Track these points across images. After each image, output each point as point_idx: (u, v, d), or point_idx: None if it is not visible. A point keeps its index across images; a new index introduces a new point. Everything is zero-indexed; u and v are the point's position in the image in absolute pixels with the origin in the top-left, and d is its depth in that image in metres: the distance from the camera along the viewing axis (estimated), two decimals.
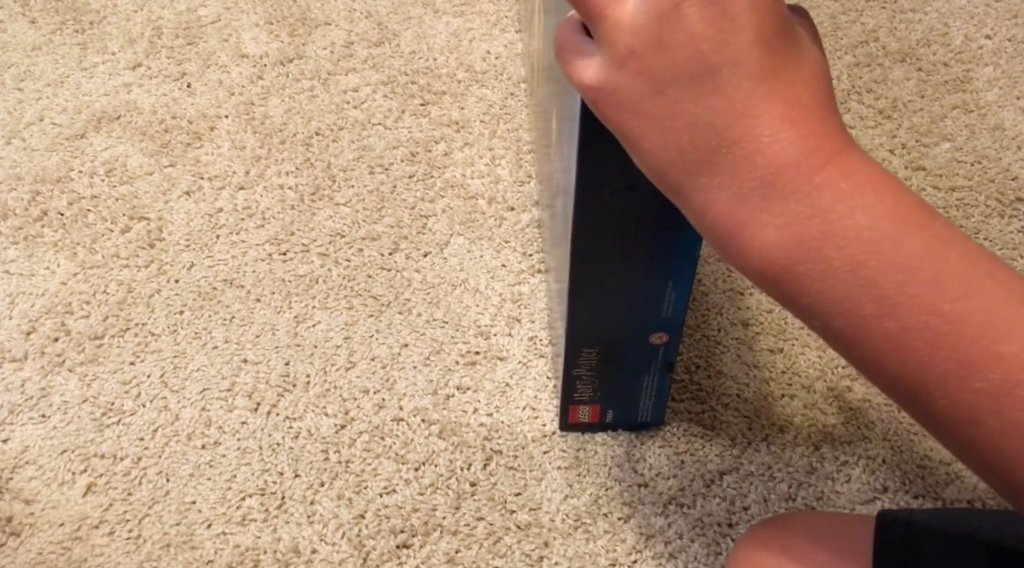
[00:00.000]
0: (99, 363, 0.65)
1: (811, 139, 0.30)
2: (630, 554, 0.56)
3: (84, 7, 0.94)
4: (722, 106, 0.30)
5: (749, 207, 0.30)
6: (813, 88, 0.31)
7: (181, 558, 0.56)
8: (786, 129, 0.30)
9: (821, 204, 0.29)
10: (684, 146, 0.31)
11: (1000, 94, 0.82)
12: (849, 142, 0.30)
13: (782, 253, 0.29)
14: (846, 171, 0.29)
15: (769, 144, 0.29)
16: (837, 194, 0.29)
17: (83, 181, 0.77)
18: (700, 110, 0.30)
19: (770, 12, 0.30)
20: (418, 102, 0.83)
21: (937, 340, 0.27)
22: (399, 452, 0.60)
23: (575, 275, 0.50)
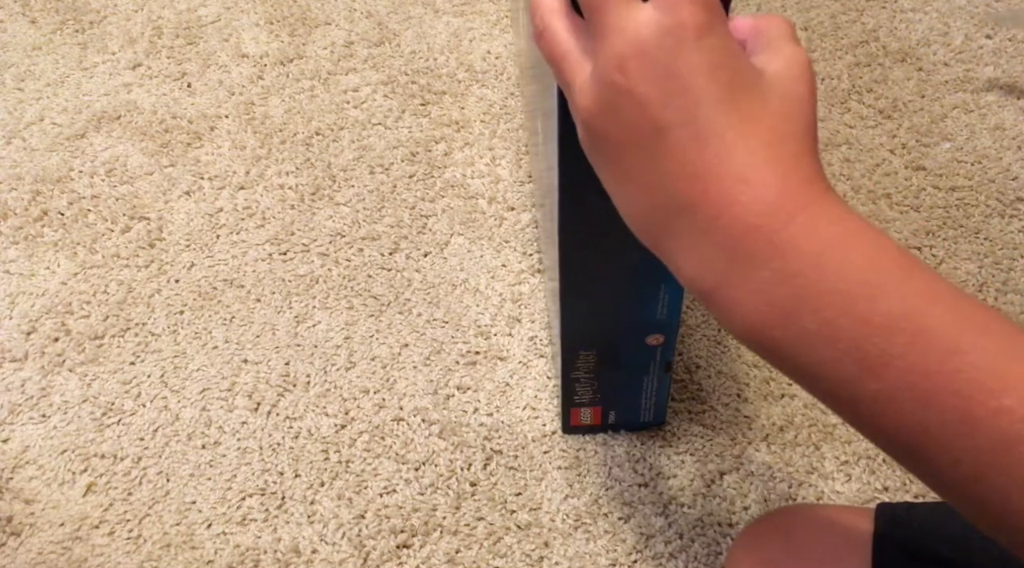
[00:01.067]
0: (99, 363, 0.65)
1: (772, 197, 0.28)
2: (630, 554, 0.56)
3: (84, 7, 0.94)
4: (675, 169, 0.29)
5: (717, 271, 0.29)
6: (778, 136, 0.29)
7: (181, 558, 0.56)
8: (743, 189, 0.28)
9: (788, 269, 0.27)
10: (647, 208, 0.30)
11: (1000, 94, 0.82)
12: (819, 191, 0.29)
13: (758, 320, 0.28)
14: (811, 229, 0.28)
15: (727, 207, 0.28)
16: (804, 255, 0.27)
17: (83, 181, 0.77)
18: (656, 174, 0.30)
19: (719, 66, 0.29)
20: (418, 102, 0.83)
21: (929, 400, 0.26)
22: (399, 452, 0.60)
23: (565, 277, 0.50)
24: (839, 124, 0.80)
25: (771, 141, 0.29)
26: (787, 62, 0.31)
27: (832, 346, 0.27)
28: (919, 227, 0.72)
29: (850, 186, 0.75)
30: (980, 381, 0.25)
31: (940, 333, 0.26)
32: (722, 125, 0.28)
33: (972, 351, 0.26)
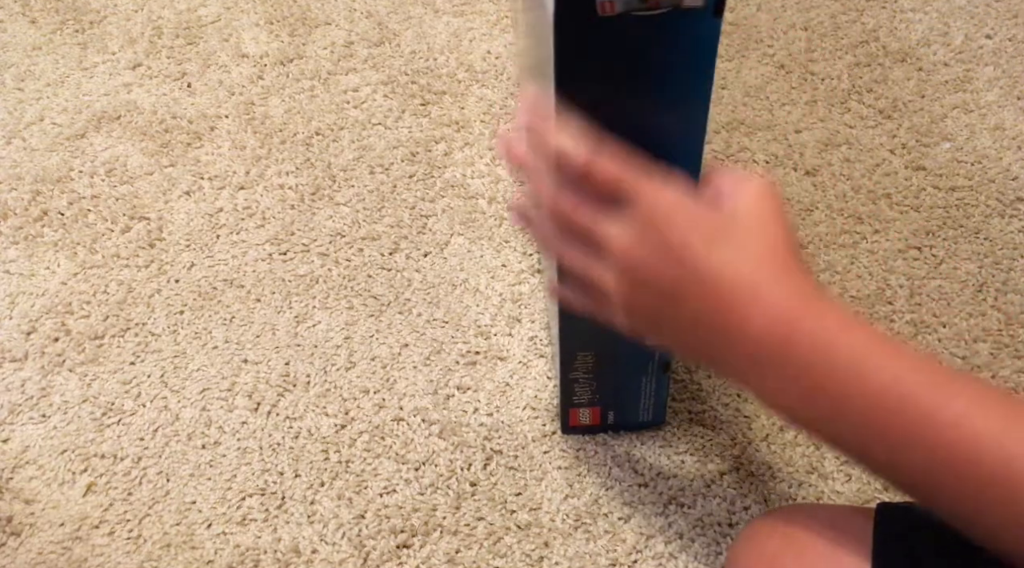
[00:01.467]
0: (99, 363, 0.65)
1: (773, 311, 0.36)
2: (630, 554, 0.56)
3: (84, 7, 0.94)
4: (697, 310, 0.37)
5: (753, 375, 0.37)
6: (763, 258, 0.37)
7: (181, 558, 0.56)
8: (750, 310, 0.36)
9: (799, 365, 0.35)
10: (686, 344, 0.40)
11: (1000, 94, 0.82)
12: (809, 294, 0.36)
13: (788, 405, 0.36)
14: (811, 330, 0.35)
15: (743, 327, 0.36)
16: (809, 353, 0.35)
17: (83, 181, 0.77)
18: (683, 321, 0.38)
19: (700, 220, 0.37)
20: (418, 102, 0.83)
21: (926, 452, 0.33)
22: (399, 452, 0.60)
23: (560, 279, 0.50)
24: (839, 124, 0.80)
25: (758, 264, 0.36)
26: (752, 194, 0.38)
27: (844, 419, 0.34)
28: (919, 227, 0.72)
29: (850, 186, 0.75)
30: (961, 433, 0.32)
31: (920, 396, 0.33)
32: (717, 267, 0.36)
33: (947, 409, 0.32)
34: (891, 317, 0.66)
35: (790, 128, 0.80)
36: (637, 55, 0.40)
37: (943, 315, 0.66)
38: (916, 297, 0.68)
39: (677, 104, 0.41)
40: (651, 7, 0.37)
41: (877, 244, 0.71)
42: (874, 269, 0.69)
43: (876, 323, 0.66)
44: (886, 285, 0.68)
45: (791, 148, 0.78)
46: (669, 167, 0.42)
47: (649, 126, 0.42)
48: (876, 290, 0.68)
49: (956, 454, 0.32)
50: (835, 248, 0.71)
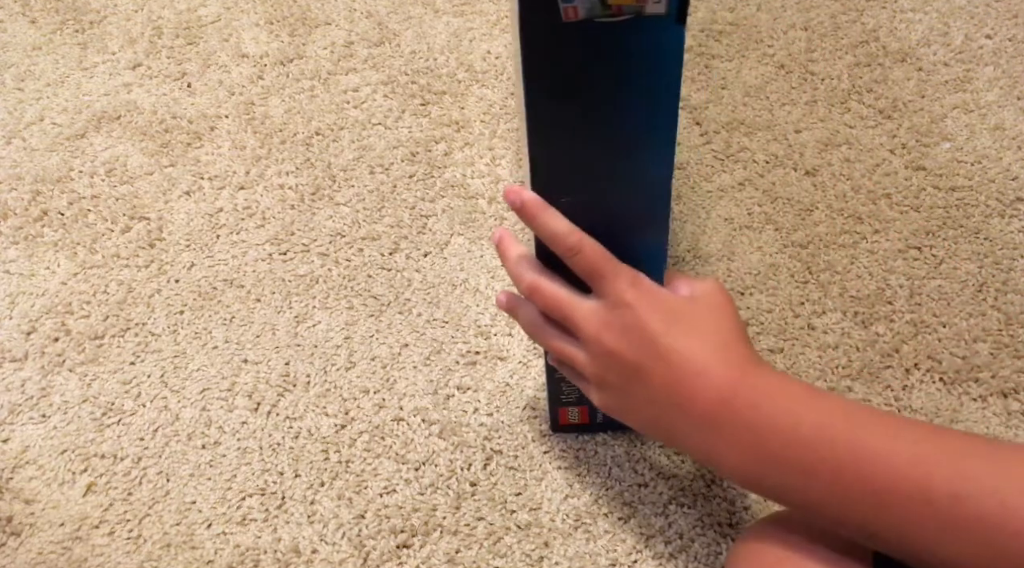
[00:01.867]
0: (99, 363, 0.65)
1: (719, 382, 0.41)
2: (630, 554, 0.56)
3: (84, 7, 0.94)
4: (656, 385, 0.43)
5: (704, 445, 0.42)
6: (712, 338, 0.43)
7: (181, 558, 0.56)
8: (699, 383, 0.42)
9: (744, 427, 0.40)
10: (650, 421, 0.45)
11: (1000, 94, 0.82)
12: (750, 366, 0.42)
13: (740, 466, 0.41)
14: (750, 396, 0.41)
15: (693, 399, 0.42)
16: (750, 416, 0.40)
17: (83, 181, 0.77)
18: (646, 397, 0.44)
19: (660, 305, 0.43)
20: (418, 102, 0.83)
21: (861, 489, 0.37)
22: (399, 452, 0.60)
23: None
24: (839, 124, 0.80)
25: (707, 344, 0.42)
26: (706, 286, 0.46)
27: (785, 469, 0.39)
28: (919, 227, 0.72)
29: (850, 186, 0.75)
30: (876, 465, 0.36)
31: (840, 438, 0.38)
32: (672, 346, 0.42)
33: (867, 446, 0.37)
34: (891, 317, 0.66)
35: (790, 128, 0.80)
36: (603, 61, 0.40)
37: (943, 315, 0.66)
38: (916, 297, 0.68)
39: (645, 110, 0.42)
40: (614, 14, 0.38)
41: (877, 244, 0.71)
42: (874, 269, 0.69)
43: (876, 323, 0.66)
44: (886, 285, 0.68)
45: (791, 148, 0.78)
46: (640, 172, 0.43)
47: (618, 132, 0.43)
48: (876, 290, 0.68)
49: (876, 484, 0.36)
50: (835, 248, 0.71)
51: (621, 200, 0.45)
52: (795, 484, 0.39)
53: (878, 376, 0.63)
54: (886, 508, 0.35)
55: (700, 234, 0.72)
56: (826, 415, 0.39)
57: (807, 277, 0.69)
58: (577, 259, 0.45)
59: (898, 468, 0.35)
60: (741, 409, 0.40)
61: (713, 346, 0.42)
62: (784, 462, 0.39)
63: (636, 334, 0.43)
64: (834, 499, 0.37)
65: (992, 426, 0.61)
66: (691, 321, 0.43)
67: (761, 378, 0.41)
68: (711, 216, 0.73)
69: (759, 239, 0.72)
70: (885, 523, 0.36)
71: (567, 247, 0.45)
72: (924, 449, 0.36)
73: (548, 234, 0.45)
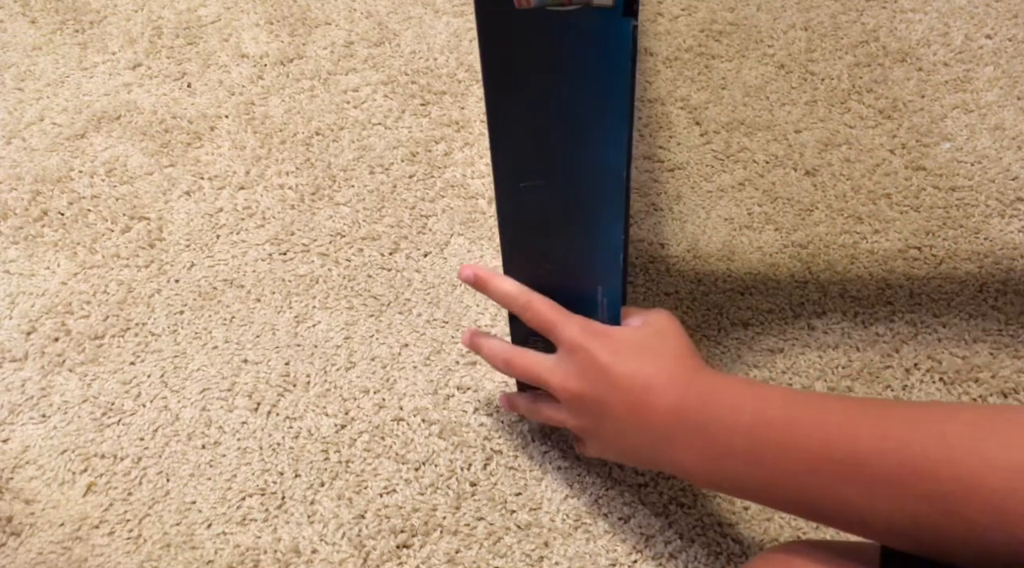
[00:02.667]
0: (99, 363, 0.65)
1: (670, 394, 0.44)
2: (630, 554, 0.56)
3: (84, 7, 0.94)
4: (620, 414, 0.46)
5: (667, 454, 0.45)
6: (660, 356, 0.46)
7: (181, 558, 0.56)
8: (654, 400, 0.45)
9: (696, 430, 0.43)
10: (628, 450, 0.48)
11: (1000, 94, 0.82)
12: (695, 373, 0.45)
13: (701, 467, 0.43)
14: (697, 398, 0.44)
15: (650, 414, 0.45)
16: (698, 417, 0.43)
17: (83, 181, 0.77)
18: (616, 429, 0.47)
19: (607, 341, 0.47)
20: (418, 102, 0.83)
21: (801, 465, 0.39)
22: (399, 452, 0.60)
23: (508, 271, 0.52)
24: (839, 124, 0.80)
25: (656, 361, 0.46)
26: (655, 315, 0.50)
27: (736, 460, 0.41)
28: (919, 227, 0.72)
29: (850, 186, 0.75)
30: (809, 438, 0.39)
31: (777, 420, 0.40)
32: (623, 372, 0.46)
33: (800, 423, 0.40)
34: (891, 317, 0.66)
35: (790, 128, 0.80)
36: (555, 50, 0.40)
37: (943, 315, 0.67)
38: (916, 297, 0.68)
39: (596, 100, 0.42)
40: (564, 3, 0.38)
41: (877, 244, 0.71)
42: (874, 269, 0.69)
43: (876, 323, 0.66)
44: (886, 285, 0.68)
45: (791, 148, 0.78)
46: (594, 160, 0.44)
47: (572, 120, 0.43)
48: (876, 290, 0.68)
49: (812, 455, 0.38)
50: (835, 248, 0.71)
51: (577, 187, 0.46)
52: (745, 472, 0.41)
53: (878, 376, 0.63)
54: (823, 478, 0.38)
55: (700, 234, 0.72)
56: (764, 402, 0.41)
57: (807, 277, 0.69)
58: (528, 315, 0.50)
59: (829, 437, 0.38)
60: (690, 414, 0.43)
61: (659, 363, 0.46)
62: (733, 454, 0.41)
63: (592, 371, 0.47)
64: (779, 479, 0.40)
65: None
66: (637, 346, 0.47)
67: (705, 382, 0.44)
68: (711, 216, 0.73)
69: (759, 239, 0.72)
70: (825, 492, 0.38)
71: (518, 306, 0.50)
72: (851, 417, 0.38)
73: (500, 296, 0.51)
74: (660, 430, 0.45)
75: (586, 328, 0.48)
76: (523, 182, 0.46)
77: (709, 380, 0.45)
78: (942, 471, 0.34)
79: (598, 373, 0.46)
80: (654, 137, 0.79)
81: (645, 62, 0.86)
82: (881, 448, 0.36)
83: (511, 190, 0.47)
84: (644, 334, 0.48)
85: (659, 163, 0.77)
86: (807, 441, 0.39)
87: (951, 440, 0.35)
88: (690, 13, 0.91)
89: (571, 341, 0.48)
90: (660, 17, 0.91)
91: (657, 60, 0.86)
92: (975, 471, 0.33)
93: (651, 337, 0.48)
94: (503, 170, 0.46)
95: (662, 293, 0.68)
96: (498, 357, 0.53)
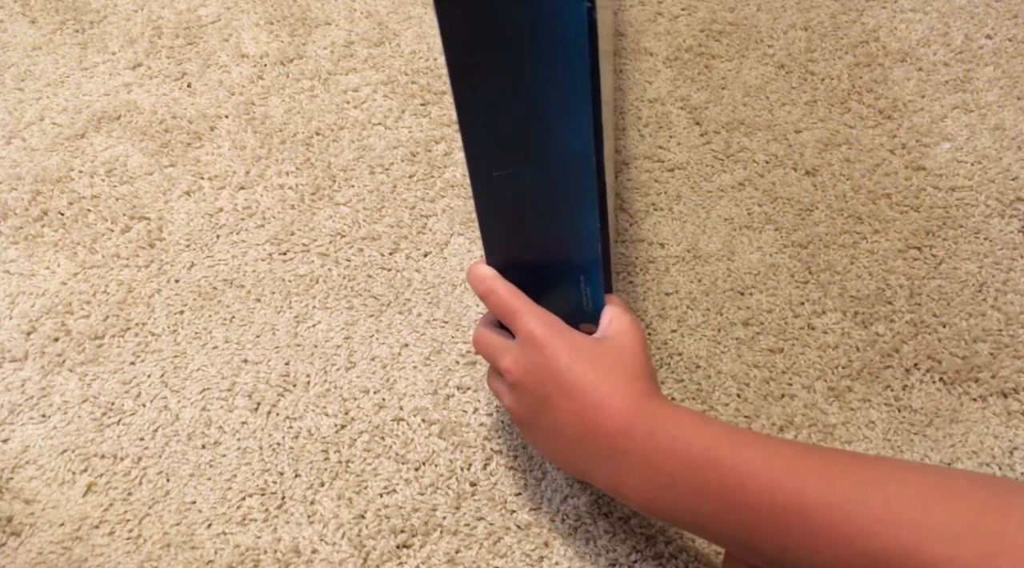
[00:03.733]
0: (99, 363, 0.65)
1: (618, 415, 0.44)
2: (630, 554, 0.56)
3: (84, 7, 0.94)
4: (562, 419, 0.46)
5: (609, 475, 0.45)
6: (614, 374, 0.45)
7: (181, 558, 0.56)
8: (600, 416, 0.44)
9: (642, 458, 0.43)
10: (561, 451, 0.48)
11: (1000, 94, 0.82)
12: (648, 399, 0.45)
13: (642, 494, 0.43)
14: (646, 428, 0.43)
15: (595, 430, 0.45)
16: (646, 446, 0.43)
17: (83, 181, 0.77)
18: (555, 428, 0.47)
19: (567, 344, 0.46)
20: (418, 102, 0.83)
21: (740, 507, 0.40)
22: (399, 452, 0.60)
23: (490, 262, 0.52)
24: (839, 124, 0.80)
25: (609, 379, 0.45)
26: (618, 326, 0.49)
27: (680, 492, 0.41)
28: (919, 227, 0.72)
29: (850, 186, 0.75)
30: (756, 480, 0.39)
31: (725, 458, 0.40)
32: (577, 381, 0.45)
33: (748, 463, 0.40)
34: (891, 317, 0.66)
35: (790, 128, 0.80)
36: (514, 35, 0.40)
37: (943, 315, 0.67)
38: (916, 297, 0.68)
39: (557, 87, 0.42)
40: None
41: (877, 244, 0.71)
42: (874, 269, 0.69)
43: (876, 323, 0.66)
44: (886, 285, 0.68)
45: (791, 148, 0.78)
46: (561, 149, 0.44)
47: (535, 107, 0.43)
48: (876, 290, 0.68)
49: (757, 498, 0.38)
50: (835, 248, 0.71)
51: (548, 175, 0.46)
52: (688, 504, 0.42)
53: (878, 376, 0.63)
54: (767, 520, 0.38)
55: (700, 234, 0.72)
56: (712, 439, 0.42)
57: (807, 277, 0.69)
58: (491, 300, 0.50)
59: (776, 482, 0.38)
60: (638, 440, 0.44)
61: (613, 383, 0.45)
62: (677, 485, 0.42)
63: (543, 369, 0.46)
64: (722, 515, 0.40)
65: (992, 426, 0.61)
66: (596, 359, 0.46)
67: (658, 411, 0.45)
68: (711, 216, 0.73)
69: (759, 239, 0.72)
70: (767, 535, 0.38)
71: (482, 290, 0.51)
72: (799, 464, 0.39)
73: (471, 279, 0.52)
74: (604, 451, 0.44)
75: (547, 323, 0.48)
76: (496, 171, 0.46)
77: (660, 411, 0.45)
78: (883, 532, 0.35)
79: (550, 374, 0.46)
80: (654, 137, 0.79)
81: (645, 62, 0.86)
82: (827, 500, 0.37)
83: (485, 179, 0.47)
84: (605, 348, 0.47)
85: (659, 163, 0.77)
86: (755, 483, 0.39)
87: (894, 503, 0.35)
88: (690, 13, 0.91)
89: (529, 333, 0.48)
90: (660, 17, 0.91)
91: (657, 60, 0.86)
92: (914, 537, 0.34)
93: (610, 352, 0.47)
94: (475, 159, 0.46)
95: (662, 293, 0.68)
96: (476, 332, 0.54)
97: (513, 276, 0.51)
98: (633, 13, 0.92)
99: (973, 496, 0.35)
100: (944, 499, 0.35)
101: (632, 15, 0.92)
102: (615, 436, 0.44)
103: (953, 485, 0.36)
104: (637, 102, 0.83)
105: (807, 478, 0.38)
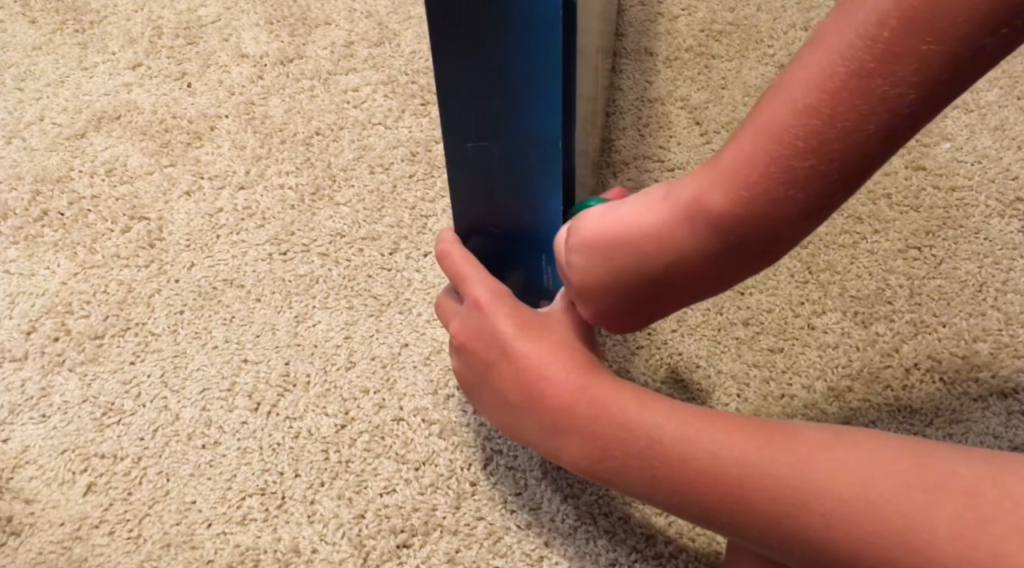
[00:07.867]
0: (99, 363, 0.65)
1: (563, 387, 0.44)
2: (630, 554, 0.56)
3: (84, 7, 0.94)
4: (505, 386, 0.46)
5: (552, 447, 0.44)
6: (559, 346, 0.45)
7: (181, 558, 0.56)
8: (544, 386, 0.44)
9: (586, 431, 0.43)
10: (503, 417, 0.47)
11: (1000, 94, 0.82)
12: (592, 373, 0.44)
13: (586, 466, 0.43)
14: (591, 401, 0.43)
15: (539, 401, 0.44)
16: (591, 419, 0.43)
17: (83, 181, 0.77)
18: (497, 393, 0.46)
19: (513, 314, 0.47)
20: (418, 102, 0.83)
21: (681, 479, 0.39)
22: (399, 452, 0.60)
23: (458, 230, 0.53)
24: None
25: (554, 351, 0.45)
26: (560, 302, 0.49)
27: (627, 467, 0.41)
28: (919, 227, 0.72)
29: None
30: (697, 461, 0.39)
31: (667, 433, 0.40)
32: (521, 350, 0.45)
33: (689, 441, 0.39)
34: (891, 317, 0.66)
35: None
36: (491, 16, 0.41)
37: (943, 315, 0.67)
38: (916, 297, 0.68)
39: (529, 70, 0.43)
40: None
41: (877, 244, 0.71)
42: (874, 269, 0.69)
43: (876, 323, 0.66)
44: (886, 285, 0.68)
45: None
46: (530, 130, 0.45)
47: (507, 88, 0.44)
48: (876, 290, 0.68)
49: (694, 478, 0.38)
50: (835, 248, 0.71)
51: (516, 153, 0.47)
52: (638, 483, 0.41)
53: (878, 376, 0.63)
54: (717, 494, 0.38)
55: None
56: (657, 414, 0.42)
57: (807, 277, 0.69)
58: (445, 263, 0.51)
59: (717, 457, 0.38)
60: (582, 419, 0.43)
61: (557, 354, 0.45)
62: (625, 461, 0.42)
63: (488, 335, 0.47)
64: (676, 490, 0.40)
65: (992, 426, 0.61)
66: (541, 329, 0.47)
67: (601, 383, 0.44)
68: None
69: None
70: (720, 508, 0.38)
71: (439, 252, 0.52)
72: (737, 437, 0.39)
73: (436, 241, 0.53)
74: (548, 422, 0.44)
75: (493, 291, 0.48)
76: (469, 142, 0.47)
77: (603, 389, 0.44)
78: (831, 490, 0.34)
79: (496, 341, 0.46)
80: (654, 137, 0.79)
81: (645, 62, 0.86)
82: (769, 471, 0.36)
83: (459, 149, 0.48)
84: (552, 320, 0.47)
85: (659, 163, 0.77)
86: (695, 463, 0.39)
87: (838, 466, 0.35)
88: (690, 13, 0.91)
89: (476, 299, 0.48)
90: (660, 17, 0.91)
91: (657, 60, 0.86)
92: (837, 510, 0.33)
93: (558, 324, 0.47)
94: (450, 127, 0.47)
95: None
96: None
97: (477, 245, 0.52)
98: (633, 13, 0.92)
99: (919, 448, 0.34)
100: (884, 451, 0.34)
101: (632, 15, 0.92)
102: (558, 410, 0.44)
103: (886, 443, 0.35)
104: (637, 102, 0.83)
105: (748, 449, 0.37)
